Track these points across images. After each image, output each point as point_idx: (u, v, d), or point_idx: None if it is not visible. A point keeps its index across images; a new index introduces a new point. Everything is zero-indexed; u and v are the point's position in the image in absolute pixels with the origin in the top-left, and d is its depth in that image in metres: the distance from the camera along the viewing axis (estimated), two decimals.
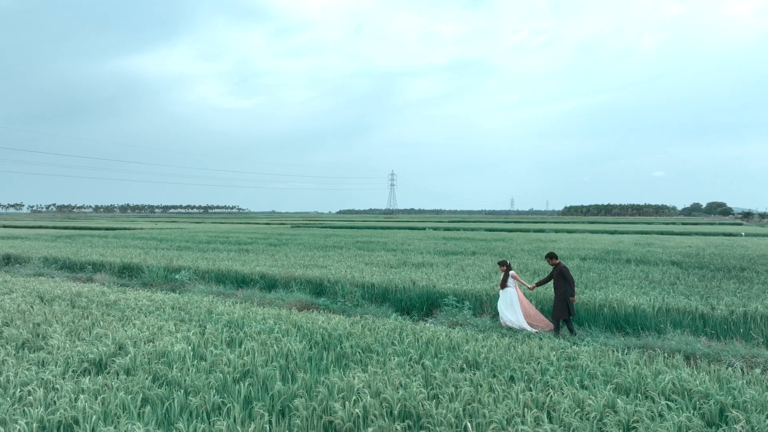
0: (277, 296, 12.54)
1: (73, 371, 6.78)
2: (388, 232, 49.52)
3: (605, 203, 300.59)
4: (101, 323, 9.50)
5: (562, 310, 9.89)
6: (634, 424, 5.19)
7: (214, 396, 5.85)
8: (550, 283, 11.16)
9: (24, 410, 5.45)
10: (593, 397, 5.76)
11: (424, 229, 58.93)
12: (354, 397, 5.75)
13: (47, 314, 10.17)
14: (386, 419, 5.28)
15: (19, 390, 5.99)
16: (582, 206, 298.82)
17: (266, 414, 5.38)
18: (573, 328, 9.94)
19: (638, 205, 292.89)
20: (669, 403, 5.61)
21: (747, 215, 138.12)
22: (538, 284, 10.78)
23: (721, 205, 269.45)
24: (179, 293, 13.49)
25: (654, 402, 5.76)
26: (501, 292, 10.60)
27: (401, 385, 6.15)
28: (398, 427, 5.09)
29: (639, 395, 6.00)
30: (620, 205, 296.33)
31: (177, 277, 15.13)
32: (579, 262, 19.64)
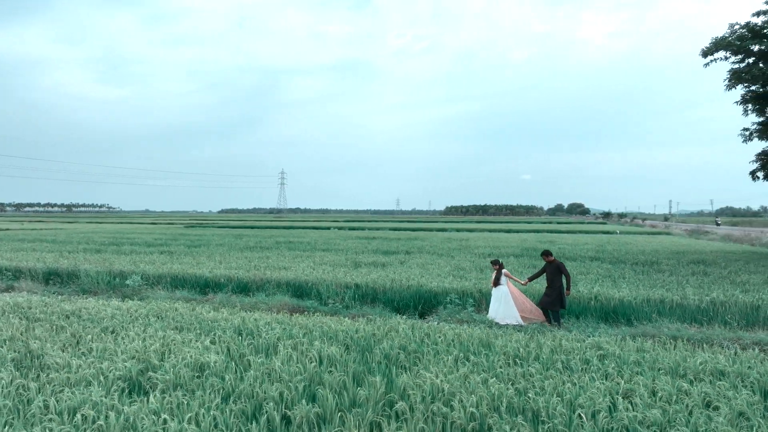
0: (258, 300, 11.91)
1: (115, 391, 6.02)
2: (297, 231, 48.71)
3: (482, 204, 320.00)
4: (85, 336, 8.46)
5: (556, 302, 10.58)
6: (711, 404, 5.79)
7: (307, 406, 5.54)
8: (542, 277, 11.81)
9: None
10: (658, 382, 6.31)
11: (329, 228, 58.75)
12: (458, 397, 5.76)
13: (9, 329, 8.84)
14: (503, 416, 5.38)
15: (80, 416, 5.21)
16: (462, 206, 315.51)
17: (384, 420, 5.23)
18: (559, 320, 10.67)
19: (511, 206, 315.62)
20: (723, 383, 6.33)
21: (607, 215, 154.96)
22: (531, 279, 11.43)
23: (581, 206, 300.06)
24: (139, 300, 12.31)
25: (705, 383, 6.44)
26: (494, 289, 11.06)
27: (485, 382, 6.26)
28: (522, 422, 5.21)
29: (691, 378, 6.66)
30: (495, 205, 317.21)
31: (128, 282, 13.71)
32: (514, 259, 20.88)
